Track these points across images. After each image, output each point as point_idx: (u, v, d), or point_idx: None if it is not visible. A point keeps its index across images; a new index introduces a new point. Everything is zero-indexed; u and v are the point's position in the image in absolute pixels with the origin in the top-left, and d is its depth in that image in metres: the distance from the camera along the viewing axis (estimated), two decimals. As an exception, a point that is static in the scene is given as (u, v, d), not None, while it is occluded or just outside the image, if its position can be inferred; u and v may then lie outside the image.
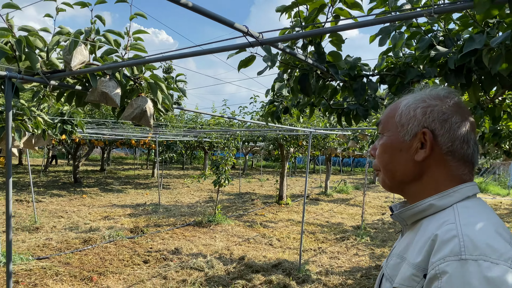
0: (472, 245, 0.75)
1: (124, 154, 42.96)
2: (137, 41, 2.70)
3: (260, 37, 1.62)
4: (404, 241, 0.97)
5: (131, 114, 2.45)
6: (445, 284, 0.72)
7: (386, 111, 1.08)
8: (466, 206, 0.89)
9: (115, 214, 9.81)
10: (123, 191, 14.49)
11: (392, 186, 1.03)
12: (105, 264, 5.75)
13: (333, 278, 5.57)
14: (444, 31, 2.28)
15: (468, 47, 1.57)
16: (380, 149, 1.02)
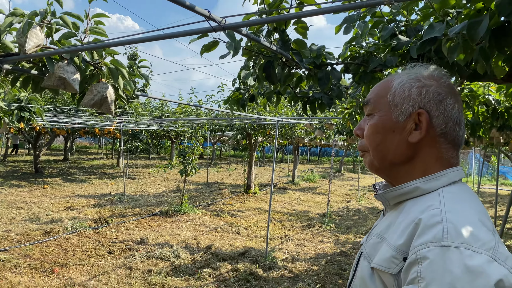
0: (456, 232, 0.74)
1: (88, 143, 41.80)
2: (97, 25, 2.60)
3: (223, 21, 1.59)
4: (385, 221, 0.96)
5: (91, 100, 2.36)
6: (425, 269, 0.71)
7: (374, 89, 1.03)
8: (452, 191, 0.88)
9: (78, 204, 9.55)
10: (87, 181, 14.12)
11: (380, 167, 0.99)
12: (67, 256, 5.60)
13: (299, 265, 5.66)
14: (406, 21, 2.32)
15: (428, 34, 1.60)
16: (371, 129, 0.98)
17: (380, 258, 0.84)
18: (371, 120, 0.99)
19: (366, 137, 0.99)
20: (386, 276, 0.81)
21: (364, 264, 0.92)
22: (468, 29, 1.49)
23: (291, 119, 8.45)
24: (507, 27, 1.55)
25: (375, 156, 0.98)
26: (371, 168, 1.01)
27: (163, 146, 37.77)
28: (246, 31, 1.81)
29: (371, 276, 0.87)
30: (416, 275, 0.72)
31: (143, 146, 25.19)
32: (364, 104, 1.03)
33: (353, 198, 12.80)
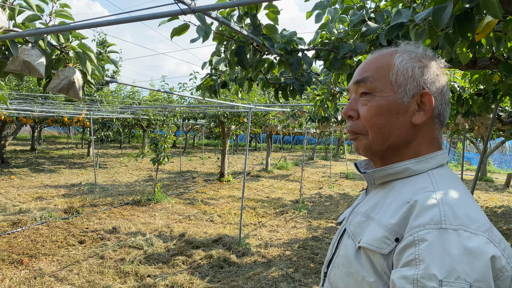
0: (453, 214, 0.74)
1: (57, 133, 40.65)
2: (63, 8, 2.52)
3: (193, 4, 1.57)
4: (371, 200, 0.95)
5: (58, 85, 2.30)
6: (423, 251, 0.70)
7: (370, 65, 0.96)
8: (441, 174, 0.88)
9: (47, 195, 9.31)
10: (56, 171, 13.76)
11: (378, 150, 0.94)
12: (36, 247, 5.47)
13: (272, 250, 5.74)
14: (376, 8, 2.36)
15: (395, 20, 1.63)
16: (373, 110, 0.91)
17: (370, 238, 0.82)
18: (371, 100, 0.93)
19: (365, 119, 0.93)
20: (376, 256, 0.80)
21: (349, 243, 0.90)
22: (433, 15, 1.53)
23: (264, 106, 8.47)
24: (470, 14, 1.60)
25: (375, 139, 0.93)
26: (366, 151, 0.96)
27: (135, 135, 37.18)
28: (216, 15, 1.79)
29: (356, 255, 0.86)
30: (413, 257, 0.71)
31: (114, 135, 24.72)
32: (358, 81, 0.95)
33: (325, 185, 13.01)
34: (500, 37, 1.94)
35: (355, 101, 0.97)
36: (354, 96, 0.98)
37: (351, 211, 1.02)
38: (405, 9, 1.76)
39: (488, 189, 13.34)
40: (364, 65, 0.97)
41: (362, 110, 0.94)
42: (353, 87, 0.98)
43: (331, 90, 3.99)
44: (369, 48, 2.49)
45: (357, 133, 0.96)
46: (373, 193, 0.98)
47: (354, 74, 1.01)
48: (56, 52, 2.41)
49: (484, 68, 2.55)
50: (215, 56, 2.88)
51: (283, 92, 3.01)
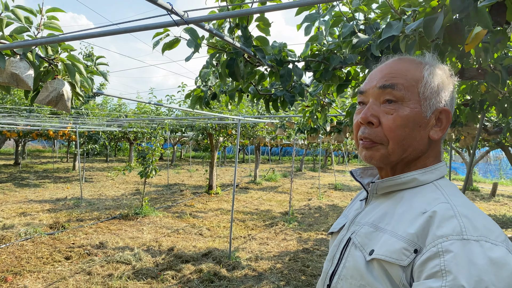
0: (472, 226, 0.74)
1: (41, 147, 40.01)
2: (51, 20, 2.49)
3: (186, 15, 1.56)
4: (375, 210, 0.93)
5: (47, 97, 2.26)
6: (450, 262, 0.70)
7: (400, 72, 0.91)
8: (446, 185, 0.89)
9: (32, 210, 9.11)
10: (41, 185, 13.50)
11: (395, 162, 0.92)
12: (21, 263, 5.32)
13: (263, 263, 5.68)
14: (365, 19, 2.38)
15: (387, 33, 1.65)
16: (400, 121, 0.88)
17: (387, 250, 0.80)
18: (399, 110, 0.89)
19: (390, 129, 0.89)
20: (394, 268, 0.78)
21: (357, 254, 0.88)
22: (424, 26, 1.55)
23: (252, 117, 8.48)
24: (460, 25, 1.62)
25: (395, 150, 0.90)
26: (381, 161, 0.92)
27: (121, 149, 36.82)
28: (209, 27, 1.79)
29: (367, 266, 0.84)
30: (439, 269, 0.70)
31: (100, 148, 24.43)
32: (386, 87, 0.90)
33: (314, 196, 13.00)
34: (487, 48, 1.97)
35: (376, 106, 0.92)
36: (373, 101, 0.93)
37: (352, 221, 0.99)
38: (395, 21, 1.78)
39: (475, 198, 13.49)
40: (391, 70, 0.93)
41: (387, 119, 0.90)
42: (376, 92, 0.93)
43: (321, 101, 4.01)
44: (359, 60, 2.51)
45: (375, 142, 0.92)
46: (376, 203, 0.97)
47: (370, 78, 0.96)
48: (45, 64, 2.37)
49: (472, 79, 2.59)
50: (204, 69, 2.87)
51: (273, 104, 3.01)
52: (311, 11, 2.47)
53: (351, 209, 1.10)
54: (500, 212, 10.71)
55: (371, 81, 0.95)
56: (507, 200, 13.39)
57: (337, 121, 6.79)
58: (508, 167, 21.15)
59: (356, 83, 3.10)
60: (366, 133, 0.92)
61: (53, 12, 2.50)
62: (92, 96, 3.43)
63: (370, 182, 1.07)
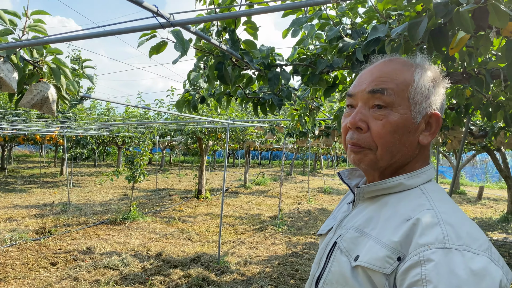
0: (455, 234, 0.73)
1: (28, 151, 39.49)
2: (38, 23, 2.46)
3: (172, 18, 1.56)
4: (361, 214, 0.92)
5: (31, 100, 2.23)
6: (430, 272, 0.69)
7: (389, 76, 0.89)
8: (433, 190, 0.88)
9: (18, 215, 8.96)
10: (27, 190, 13.30)
11: (383, 167, 0.91)
12: (6, 270, 5.23)
13: (252, 268, 5.66)
14: (352, 24, 2.40)
15: (372, 35, 1.66)
16: (389, 127, 0.86)
17: (371, 257, 0.79)
18: (389, 116, 0.87)
19: (379, 135, 0.87)
20: (377, 276, 0.78)
21: (342, 259, 0.87)
22: (408, 30, 1.57)
23: (242, 121, 8.47)
24: (444, 29, 1.64)
25: (383, 156, 0.88)
26: (369, 166, 0.91)
27: (109, 153, 36.50)
28: (195, 30, 1.79)
29: (353, 272, 0.83)
30: (419, 278, 0.70)
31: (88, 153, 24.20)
32: (375, 91, 0.88)
33: (303, 200, 13.03)
34: (471, 53, 2.00)
35: (365, 110, 0.90)
36: (362, 105, 0.91)
37: (339, 224, 0.98)
38: (381, 25, 1.80)
39: (462, 201, 13.65)
40: (381, 74, 0.90)
41: (376, 124, 0.88)
42: (366, 96, 0.90)
43: (309, 105, 4.02)
44: (345, 64, 2.53)
45: (363, 147, 0.90)
46: (362, 207, 0.96)
47: (360, 80, 0.94)
48: (29, 67, 2.34)
49: (457, 83, 2.62)
50: (193, 72, 2.86)
51: (261, 107, 3.01)
52: (298, 16, 2.49)
53: (339, 211, 1.09)
54: (486, 215, 10.85)
55: (360, 84, 0.93)
56: (493, 203, 13.57)
57: (325, 125, 6.82)
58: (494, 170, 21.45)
59: (343, 87, 3.12)
60: (355, 138, 0.90)
61: (38, 15, 2.47)
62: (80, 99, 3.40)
63: (358, 184, 1.06)
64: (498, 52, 2.23)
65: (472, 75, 2.47)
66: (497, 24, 1.36)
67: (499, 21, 1.34)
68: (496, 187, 19.59)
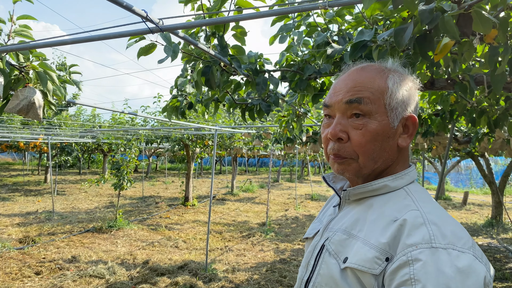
0: (440, 233, 0.75)
1: (11, 159, 38.76)
2: (24, 28, 2.43)
3: (161, 23, 1.56)
4: (347, 216, 0.93)
5: (17, 106, 2.20)
6: (418, 271, 0.71)
7: (364, 85, 0.90)
8: (416, 190, 0.90)
9: (0, 224, 8.77)
10: (10, 199, 13.04)
11: (368, 174, 0.92)
12: (-13, 281, 5.11)
13: (240, 275, 5.63)
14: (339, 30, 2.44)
15: (359, 38, 1.69)
16: (369, 136, 0.87)
17: (360, 258, 0.80)
18: (367, 125, 0.88)
19: (360, 144, 0.88)
20: (367, 277, 0.79)
21: (331, 262, 0.87)
22: (395, 36, 1.59)
23: (229, 128, 8.47)
24: (429, 35, 1.68)
25: (366, 164, 0.90)
26: (354, 175, 0.92)
27: (95, 160, 36.04)
28: (183, 35, 1.79)
29: (342, 274, 0.83)
30: (408, 277, 0.72)
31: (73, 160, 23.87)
32: (352, 101, 0.89)
33: (291, 207, 13.04)
34: (455, 59, 2.04)
35: (344, 120, 0.91)
36: (341, 116, 0.92)
37: (325, 227, 0.99)
38: (367, 30, 1.83)
39: (447, 207, 13.82)
40: (355, 83, 0.91)
41: (356, 134, 0.89)
42: (343, 107, 0.91)
43: (296, 111, 4.04)
44: (333, 70, 2.56)
45: (345, 157, 0.91)
46: (347, 209, 0.97)
47: (335, 90, 0.95)
48: (15, 72, 2.31)
49: (441, 89, 2.67)
50: (180, 78, 2.86)
51: (249, 113, 3.02)
52: (286, 22, 2.51)
53: (325, 214, 1.09)
54: (471, 220, 11.00)
55: (336, 94, 0.93)
56: (478, 208, 13.78)
57: (312, 131, 6.86)
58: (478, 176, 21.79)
59: (331, 93, 3.15)
60: (336, 149, 0.91)
61: (24, 20, 2.45)
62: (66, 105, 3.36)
63: (343, 187, 1.07)
64: (481, 58, 2.28)
65: (457, 81, 2.51)
66: (481, 30, 1.39)
67: (483, 27, 1.37)
68: (481, 192, 19.90)
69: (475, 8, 1.38)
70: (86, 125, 14.80)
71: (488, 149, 5.47)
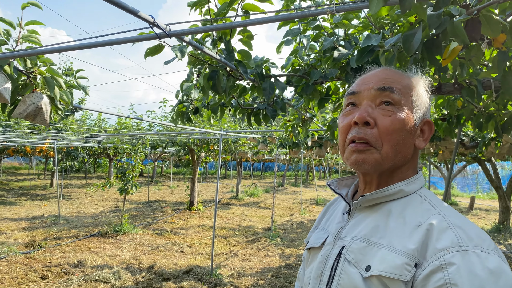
0: (466, 236, 0.76)
1: (18, 163, 39.01)
2: (32, 33, 2.45)
3: (168, 28, 1.56)
4: (363, 224, 0.92)
5: (24, 111, 2.21)
6: (453, 275, 0.71)
7: (396, 79, 0.93)
8: (430, 195, 0.92)
9: (6, 228, 8.81)
10: (16, 203, 13.11)
11: (384, 168, 0.91)
12: (-7, 285, 5.12)
13: (245, 280, 5.61)
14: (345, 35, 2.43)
15: (366, 42, 1.68)
16: (398, 124, 0.88)
17: (388, 266, 0.79)
18: (397, 113, 0.89)
19: (387, 131, 0.88)
20: (396, 284, 0.78)
21: (352, 271, 0.85)
22: (403, 42, 1.58)
23: (234, 132, 8.47)
24: (437, 40, 1.67)
25: (388, 155, 0.89)
26: (373, 167, 0.90)
27: (101, 165, 36.20)
28: (190, 39, 1.79)
29: (366, 283, 0.82)
30: (443, 282, 0.72)
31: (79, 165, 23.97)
32: (385, 89, 0.90)
33: (296, 211, 12.99)
34: (463, 64, 2.03)
35: (371, 108, 0.91)
36: (369, 103, 0.92)
37: (337, 235, 0.97)
38: (374, 35, 1.82)
39: (453, 212, 13.71)
40: (386, 76, 0.94)
41: (384, 120, 0.89)
42: (373, 93, 0.92)
43: (302, 116, 4.04)
44: (339, 74, 2.55)
45: (370, 145, 0.89)
46: (360, 216, 0.95)
47: (364, 81, 0.96)
48: (23, 77, 2.33)
49: (448, 93, 2.65)
50: (186, 83, 2.87)
51: (255, 117, 3.01)
52: (292, 27, 2.51)
53: (330, 222, 1.07)
54: (478, 225, 10.90)
55: (365, 83, 0.95)
56: (484, 213, 13.66)
57: (318, 136, 6.85)
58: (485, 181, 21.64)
59: (336, 98, 3.14)
60: (362, 133, 0.89)
61: (32, 25, 2.47)
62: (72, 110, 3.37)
63: (347, 194, 1.05)
64: (489, 62, 2.26)
65: (464, 86, 2.50)
66: (490, 34, 1.38)
67: (492, 31, 1.36)
68: (487, 197, 19.74)
69: (483, 12, 1.37)
70: (92, 130, 14.86)
71: (495, 154, 5.43)
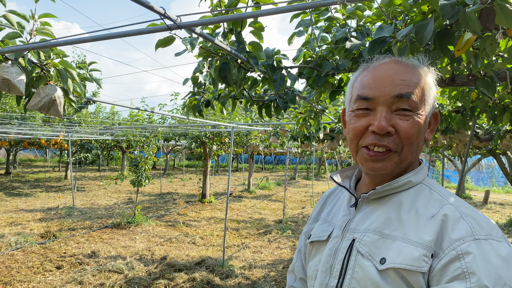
0: (478, 225, 0.78)
1: (33, 156, 39.65)
2: (44, 26, 2.48)
3: (179, 20, 1.57)
4: (375, 216, 0.91)
5: (39, 103, 2.24)
6: (471, 264, 0.72)
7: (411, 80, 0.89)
8: (436, 185, 0.93)
9: (22, 219, 9.00)
10: (32, 195, 13.35)
11: (401, 168, 0.92)
12: (11, 273, 5.24)
13: (256, 272, 5.65)
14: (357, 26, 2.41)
15: (378, 34, 1.66)
16: (416, 128, 0.88)
17: (406, 258, 0.80)
18: (414, 117, 0.88)
19: (408, 135, 0.87)
20: (414, 276, 0.79)
21: (366, 264, 0.86)
22: (416, 32, 1.56)
23: (246, 125, 8.48)
24: (450, 30, 1.64)
25: (406, 157, 0.90)
26: (393, 169, 0.91)
27: (114, 158, 36.59)
28: (201, 31, 1.79)
29: (382, 276, 0.82)
30: (461, 271, 0.73)
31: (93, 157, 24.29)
32: (402, 96, 0.87)
33: (307, 204, 13.00)
34: (477, 54, 1.99)
35: (389, 115, 0.89)
36: (385, 109, 0.89)
37: (345, 228, 0.96)
38: (387, 25, 1.80)
39: (467, 206, 13.57)
40: (402, 77, 0.89)
41: (403, 124, 0.88)
42: (390, 100, 0.89)
43: (314, 108, 4.02)
44: (351, 66, 2.53)
45: (392, 151, 0.89)
46: (369, 208, 0.95)
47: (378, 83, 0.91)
48: (37, 69, 2.36)
49: (462, 85, 2.62)
50: (198, 73, 2.87)
51: (266, 110, 3.01)
52: (304, 18, 2.49)
53: (333, 215, 1.07)
54: (493, 220, 10.76)
55: (380, 87, 0.90)
56: (499, 207, 13.49)
57: (330, 128, 6.81)
58: (500, 174, 21.32)
59: (348, 89, 3.12)
60: (384, 141, 0.88)
61: (45, 18, 2.49)
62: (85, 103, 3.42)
63: (350, 186, 1.05)
64: (504, 53, 2.22)
65: (478, 77, 2.46)
66: (504, 24, 1.36)
67: (507, 21, 1.34)
68: (502, 191, 19.47)
69: (498, 1, 1.34)
70: (106, 123, 15.02)
71: (511, 147, 5.34)
